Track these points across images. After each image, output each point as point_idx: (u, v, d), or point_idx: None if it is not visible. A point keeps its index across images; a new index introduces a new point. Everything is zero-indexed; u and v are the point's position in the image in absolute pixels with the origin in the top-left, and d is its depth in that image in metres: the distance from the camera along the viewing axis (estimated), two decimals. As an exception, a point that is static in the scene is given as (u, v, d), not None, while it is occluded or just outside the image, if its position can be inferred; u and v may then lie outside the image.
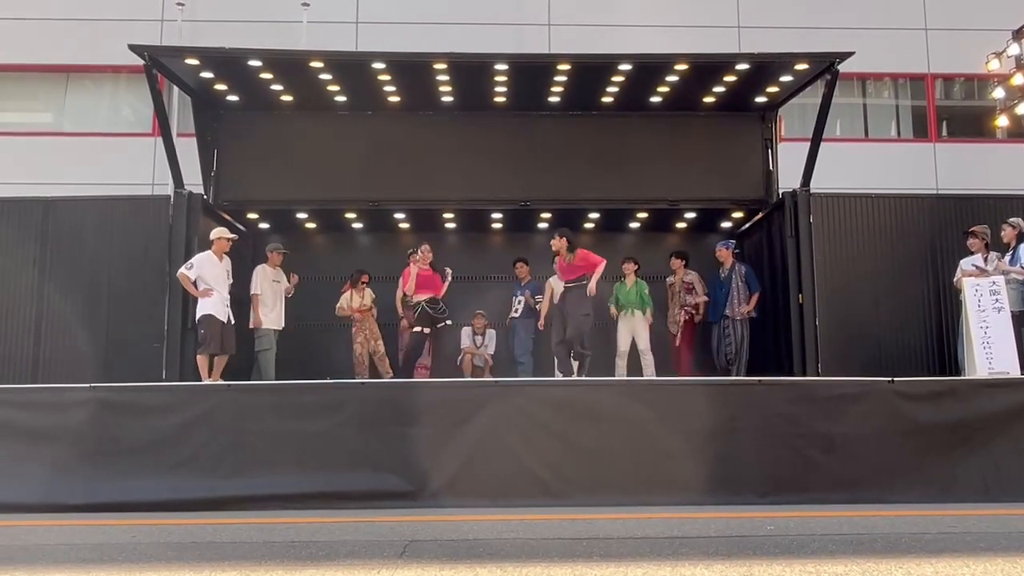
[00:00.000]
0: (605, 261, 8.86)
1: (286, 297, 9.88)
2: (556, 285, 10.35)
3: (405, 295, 10.05)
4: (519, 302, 10.70)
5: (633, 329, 10.16)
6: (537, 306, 10.54)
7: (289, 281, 9.89)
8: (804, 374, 9.06)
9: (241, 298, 9.47)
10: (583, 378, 8.82)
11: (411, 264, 9.81)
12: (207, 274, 8.65)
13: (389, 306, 10.69)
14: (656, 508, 6.33)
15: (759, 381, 7.26)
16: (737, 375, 9.63)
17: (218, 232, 8.94)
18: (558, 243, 8.94)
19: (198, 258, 8.77)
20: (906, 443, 6.78)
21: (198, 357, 8.62)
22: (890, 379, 7.00)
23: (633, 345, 10.16)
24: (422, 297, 9.60)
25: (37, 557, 4.77)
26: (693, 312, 10.39)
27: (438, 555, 4.64)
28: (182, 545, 5.13)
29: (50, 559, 4.68)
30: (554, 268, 9.50)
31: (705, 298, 10.40)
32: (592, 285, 8.70)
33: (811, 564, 4.22)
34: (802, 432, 6.81)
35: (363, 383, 7.95)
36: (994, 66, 13.87)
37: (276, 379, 9.28)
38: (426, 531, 5.43)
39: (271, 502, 6.54)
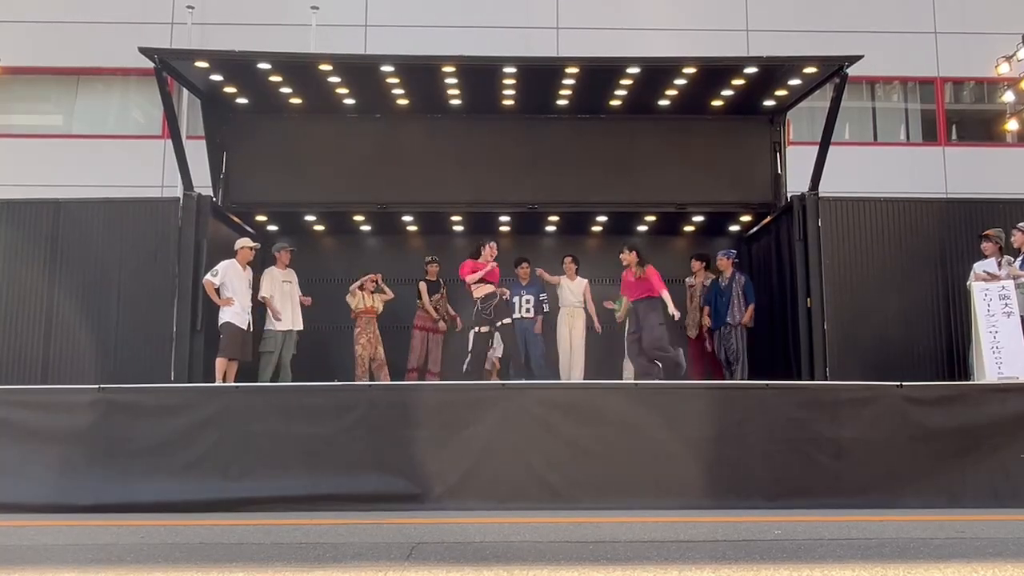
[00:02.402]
0: (666, 288, 9.28)
1: (303, 306, 9.89)
2: (568, 285, 10.36)
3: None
4: (527, 302, 10.46)
5: None
6: (545, 306, 10.46)
7: (302, 294, 9.92)
8: (812, 378, 9.02)
9: (256, 303, 9.54)
10: (590, 381, 8.82)
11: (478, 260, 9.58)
12: (230, 282, 8.99)
13: (393, 308, 10.71)
14: (663, 512, 6.33)
15: (767, 385, 7.25)
16: (740, 379, 9.63)
17: (242, 242, 9.35)
18: (628, 257, 9.38)
19: (223, 265, 9.00)
20: (915, 448, 6.76)
21: (217, 360, 8.93)
22: (899, 384, 6.98)
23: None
24: (482, 292, 9.46)
25: (46, 557, 4.80)
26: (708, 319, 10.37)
27: (445, 558, 4.65)
28: (190, 546, 5.15)
29: (59, 559, 4.70)
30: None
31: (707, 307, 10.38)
32: (672, 309, 9.17)
33: (818, 569, 4.21)
34: (810, 436, 6.80)
35: (371, 385, 7.96)
36: (1004, 70, 13.87)
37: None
38: (433, 534, 5.44)
39: (279, 504, 6.56)
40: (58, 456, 6.74)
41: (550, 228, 11.63)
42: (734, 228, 11.55)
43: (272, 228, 11.35)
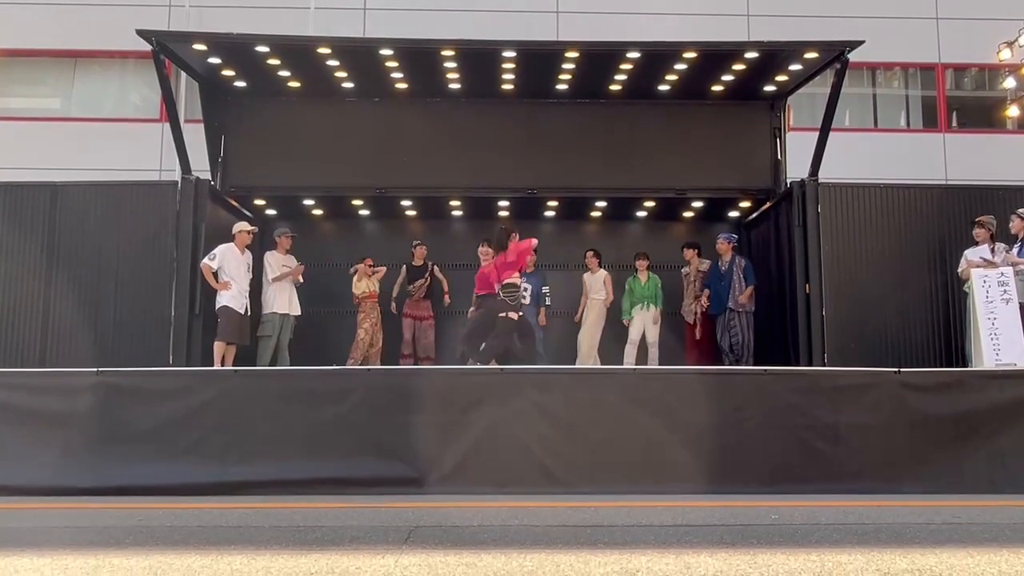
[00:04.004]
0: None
1: (296, 284, 9.91)
2: (590, 280, 10.41)
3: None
4: (526, 291, 10.29)
5: (646, 321, 10.24)
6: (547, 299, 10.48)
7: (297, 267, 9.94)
8: (811, 364, 9.03)
9: (254, 287, 9.57)
10: (589, 367, 8.83)
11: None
12: (228, 266, 9.01)
13: (388, 293, 10.76)
14: (661, 496, 6.34)
15: (765, 371, 7.25)
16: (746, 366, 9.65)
17: (240, 226, 9.36)
18: (487, 250, 9.49)
19: (220, 249, 9.01)
20: (912, 434, 6.77)
21: (215, 344, 8.97)
22: (896, 370, 7.00)
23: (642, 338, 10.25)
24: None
25: (45, 540, 4.81)
26: (707, 302, 10.39)
27: (443, 541, 4.66)
28: (189, 529, 5.16)
29: (58, 542, 4.71)
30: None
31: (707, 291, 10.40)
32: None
33: (815, 553, 4.22)
34: (808, 422, 6.81)
35: (370, 370, 7.96)
36: (1005, 56, 13.81)
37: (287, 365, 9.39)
38: (431, 518, 5.45)
39: (277, 487, 6.56)
40: (57, 439, 6.74)
41: (549, 213, 11.61)
42: (733, 214, 11.53)
43: (270, 212, 11.33)
